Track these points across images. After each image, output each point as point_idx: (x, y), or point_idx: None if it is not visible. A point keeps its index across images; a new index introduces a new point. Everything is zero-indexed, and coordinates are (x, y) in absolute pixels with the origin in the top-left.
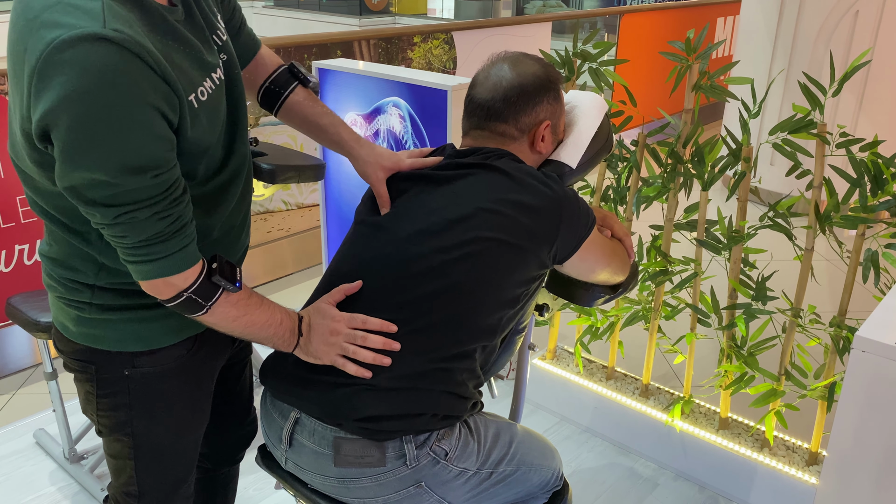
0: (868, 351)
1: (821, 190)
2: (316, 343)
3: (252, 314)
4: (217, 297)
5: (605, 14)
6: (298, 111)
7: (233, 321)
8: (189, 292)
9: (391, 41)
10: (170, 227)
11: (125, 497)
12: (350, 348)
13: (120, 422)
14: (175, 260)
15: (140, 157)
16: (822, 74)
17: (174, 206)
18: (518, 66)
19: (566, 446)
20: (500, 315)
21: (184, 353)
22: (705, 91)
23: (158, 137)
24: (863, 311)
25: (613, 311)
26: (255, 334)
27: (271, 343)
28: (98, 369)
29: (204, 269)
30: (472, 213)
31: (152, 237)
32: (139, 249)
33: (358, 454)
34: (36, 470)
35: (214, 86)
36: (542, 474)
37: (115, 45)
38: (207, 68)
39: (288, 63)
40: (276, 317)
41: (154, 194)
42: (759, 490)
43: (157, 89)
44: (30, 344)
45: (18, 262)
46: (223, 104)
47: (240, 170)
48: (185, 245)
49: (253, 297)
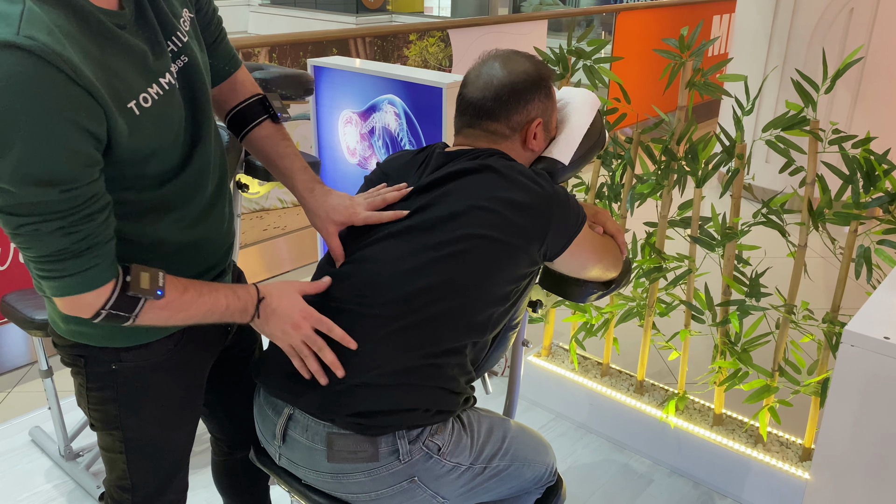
0: (857, 345)
1: (814, 187)
2: (272, 328)
3: (188, 310)
4: (139, 307)
5: (601, 12)
6: (260, 147)
7: (167, 320)
8: (107, 309)
9: (387, 39)
10: (77, 245)
11: (119, 491)
12: (304, 350)
13: (110, 416)
14: (83, 278)
15: (47, 170)
16: (817, 72)
17: (85, 222)
18: (509, 64)
19: (561, 443)
20: (491, 312)
21: (171, 347)
22: (699, 88)
23: (72, 152)
24: (856, 307)
25: (608, 308)
26: (200, 321)
27: (223, 321)
28: (87, 363)
29: (118, 285)
30: (462, 211)
31: (57, 252)
32: (45, 265)
33: (351, 449)
34: (32, 468)
35: (163, 91)
36: (536, 469)
37: (27, 52)
38: (153, 74)
39: (261, 95)
40: (220, 303)
41: (61, 209)
42: (752, 486)
43: (76, 101)
44: (25, 342)
45: (14, 260)
46: (177, 109)
47: (204, 170)
48: (95, 264)
49: (189, 293)
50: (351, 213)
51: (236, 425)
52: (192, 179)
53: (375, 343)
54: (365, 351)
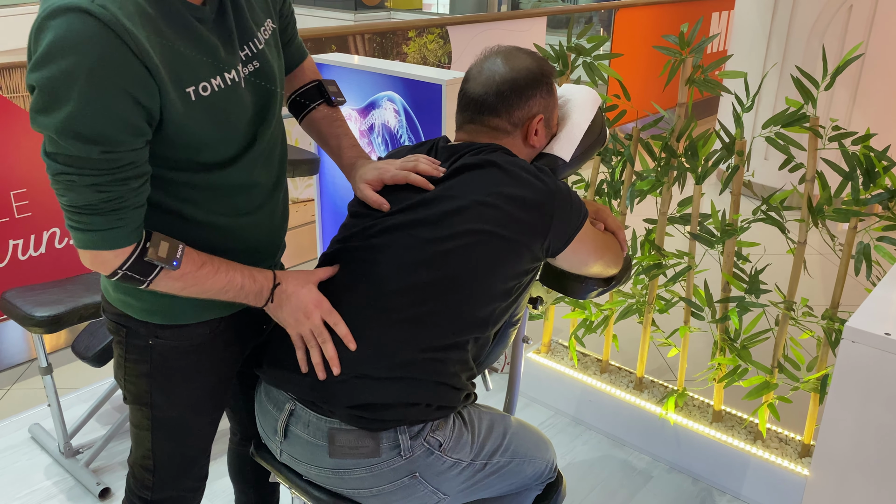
0: (858, 341)
1: (813, 183)
2: (285, 314)
3: (203, 284)
4: (154, 274)
5: (599, 9)
6: (316, 127)
7: (180, 290)
8: (123, 270)
9: (386, 36)
10: (106, 204)
11: (141, 470)
12: (312, 341)
13: (142, 390)
14: (106, 236)
15: (92, 130)
16: (817, 69)
17: (118, 184)
18: (511, 60)
19: (560, 439)
20: (493, 307)
21: (206, 332)
22: (699, 85)
23: (118, 118)
24: (855, 304)
25: (607, 305)
26: (213, 297)
27: (237, 301)
28: (128, 334)
29: (137, 249)
30: (466, 206)
31: (86, 206)
32: (74, 215)
33: (353, 445)
34: (31, 465)
35: (225, 84)
36: (536, 466)
37: (96, 19)
38: (220, 68)
39: (318, 81)
40: (236, 283)
41: (99, 168)
42: (751, 482)
43: (132, 72)
44: (25, 339)
45: (13, 256)
46: (237, 107)
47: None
48: (118, 226)
49: (206, 268)
50: (382, 170)
51: (248, 418)
52: (243, 175)
53: (377, 334)
54: (367, 342)
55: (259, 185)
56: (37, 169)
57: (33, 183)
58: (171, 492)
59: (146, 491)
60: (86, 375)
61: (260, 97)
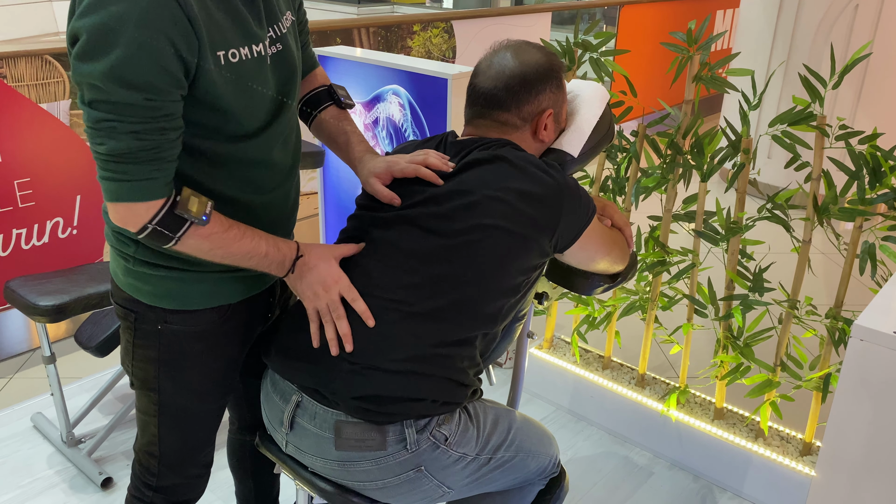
0: (866, 340)
1: (819, 182)
2: (304, 286)
3: (229, 247)
4: (184, 229)
5: (604, 5)
6: (325, 127)
7: (207, 252)
8: (153, 224)
9: (391, 29)
10: (144, 153)
11: (147, 456)
12: (328, 316)
13: (149, 376)
14: (139, 187)
15: (136, 75)
16: (822, 68)
17: (156, 133)
18: (520, 54)
19: (562, 435)
20: (502, 303)
21: (215, 318)
22: (706, 82)
23: (161, 67)
24: (859, 303)
25: (611, 301)
26: (236, 263)
27: (259, 269)
28: (137, 319)
29: (168, 202)
30: (476, 201)
31: (125, 154)
32: (111, 164)
33: (359, 437)
34: (33, 453)
35: (252, 55)
36: (540, 461)
37: None
38: (249, 37)
39: (328, 85)
40: (260, 249)
41: (140, 115)
42: (753, 480)
43: (178, 24)
44: (28, 327)
45: (16, 246)
46: (261, 79)
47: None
48: (153, 176)
49: (232, 230)
50: (391, 163)
51: (247, 407)
52: (263, 150)
53: (387, 328)
54: (375, 335)
55: (277, 165)
56: (41, 158)
57: (37, 172)
58: (176, 478)
59: (151, 477)
60: (88, 365)
61: (282, 77)
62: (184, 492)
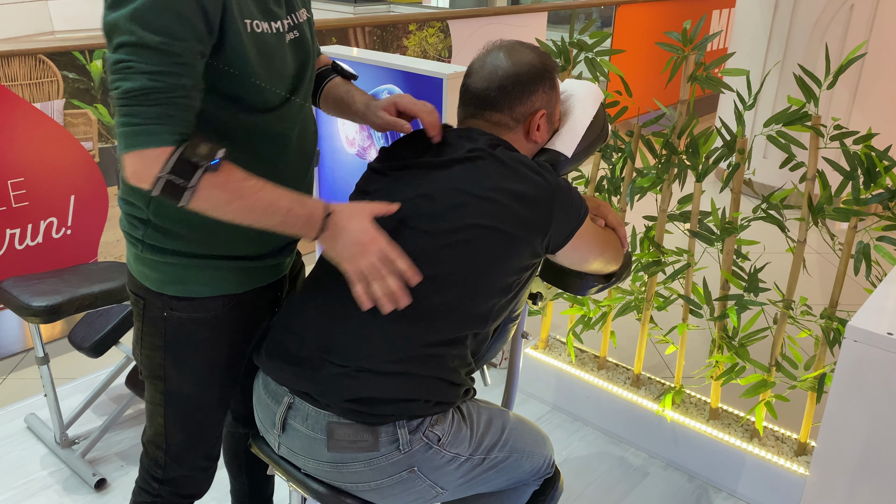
0: (860, 340)
1: (814, 182)
2: (340, 248)
3: (247, 198)
4: (197, 177)
5: (600, 5)
6: (331, 94)
7: (226, 205)
8: (166, 173)
9: (386, 29)
10: (156, 94)
11: (154, 448)
12: (374, 275)
13: (156, 364)
14: (150, 130)
15: (157, 19)
16: (817, 68)
17: (171, 76)
18: (514, 54)
19: (557, 435)
20: (493, 303)
21: (218, 307)
22: (701, 82)
23: (183, 16)
24: (853, 303)
25: (606, 302)
26: (260, 221)
27: (285, 230)
28: (145, 307)
29: (179, 149)
30: (466, 201)
31: (137, 93)
32: (125, 106)
33: (351, 439)
34: (27, 454)
35: (272, 31)
36: (534, 461)
37: None
38: (269, 15)
39: (331, 63)
40: (282, 204)
41: (156, 58)
42: (747, 480)
43: None
44: (21, 328)
45: (10, 246)
46: (281, 57)
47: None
48: (163, 122)
49: (250, 181)
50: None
51: (241, 399)
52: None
53: (379, 328)
54: (366, 335)
55: (293, 145)
56: (34, 158)
57: (31, 172)
58: (182, 470)
59: (158, 469)
60: (82, 366)
61: (298, 61)
62: (190, 485)
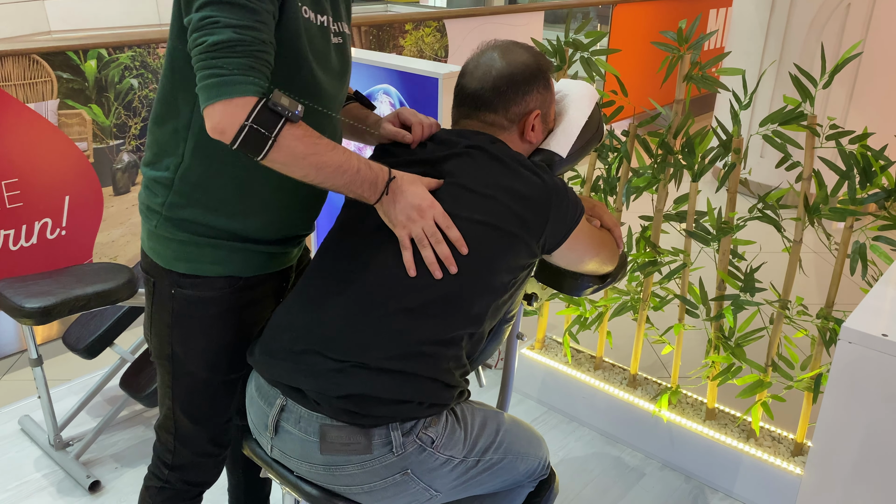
0: (854, 342)
1: (810, 182)
2: (398, 211)
3: (322, 154)
4: (280, 126)
5: (597, 4)
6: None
7: (302, 159)
8: (250, 122)
9: (383, 28)
10: (241, 47)
11: (164, 433)
12: (424, 241)
13: (164, 342)
14: (237, 80)
15: None
16: (814, 67)
17: (253, 31)
18: (508, 54)
19: (553, 436)
20: (488, 302)
21: (224, 287)
22: (697, 81)
23: None
24: (850, 303)
25: (602, 302)
26: (330, 179)
27: (349, 192)
28: (155, 285)
29: (262, 100)
30: (464, 196)
31: (225, 45)
32: (210, 59)
33: (344, 441)
34: (21, 456)
35: (318, 24)
36: (529, 463)
37: None
38: (318, 6)
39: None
40: (352, 164)
41: (239, 13)
42: (744, 480)
43: None
44: (15, 330)
45: (4, 247)
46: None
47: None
48: (249, 74)
49: (324, 140)
50: (399, 111)
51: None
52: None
53: (372, 324)
54: (361, 331)
55: None
56: (28, 158)
57: (25, 172)
58: (191, 456)
59: (168, 454)
60: (76, 367)
61: (340, 64)
62: (198, 473)
